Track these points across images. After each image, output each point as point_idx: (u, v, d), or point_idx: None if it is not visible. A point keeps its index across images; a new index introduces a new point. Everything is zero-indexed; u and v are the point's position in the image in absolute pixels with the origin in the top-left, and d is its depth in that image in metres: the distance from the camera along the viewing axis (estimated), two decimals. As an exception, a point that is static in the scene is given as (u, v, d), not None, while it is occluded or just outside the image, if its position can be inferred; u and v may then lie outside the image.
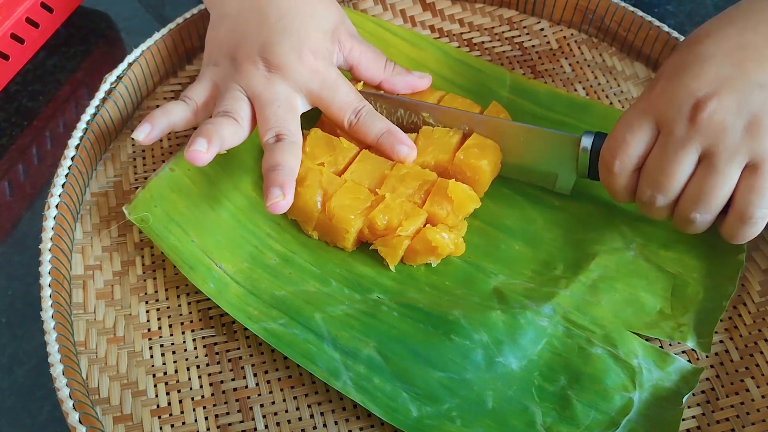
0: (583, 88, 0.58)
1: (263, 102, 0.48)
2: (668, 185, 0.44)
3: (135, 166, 0.54)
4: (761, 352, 0.46)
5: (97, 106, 0.53)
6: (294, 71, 0.49)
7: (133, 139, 0.45)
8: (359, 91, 0.52)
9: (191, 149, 0.45)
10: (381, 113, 0.52)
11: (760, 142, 0.42)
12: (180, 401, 0.45)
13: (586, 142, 0.48)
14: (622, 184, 0.46)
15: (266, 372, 0.46)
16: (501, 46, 0.61)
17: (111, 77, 0.54)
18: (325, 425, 0.44)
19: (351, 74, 0.54)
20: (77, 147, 0.51)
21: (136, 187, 0.53)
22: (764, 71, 0.42)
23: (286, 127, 0.48)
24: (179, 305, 0.48)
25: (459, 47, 0.61)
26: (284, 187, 0.45)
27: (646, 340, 0.46)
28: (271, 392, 0.45)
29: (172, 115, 0.48)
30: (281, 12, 0.49)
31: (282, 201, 0.45)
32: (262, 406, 0.45)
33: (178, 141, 0.55)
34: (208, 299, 0.47)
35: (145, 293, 0.48)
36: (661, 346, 0.46)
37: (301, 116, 0.50)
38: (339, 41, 0.51)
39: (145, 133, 0.47)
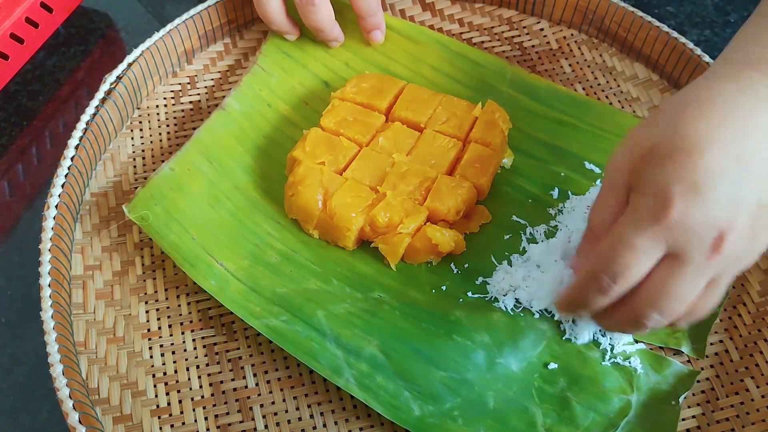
0: (583, 89, 0.58)
1: None
2: (676, 308, 0.39)
3: (135, 166, 0.54)
4: (761, 352, 0.46)
5: (97, 106, 0.53)
6: None
7: None
8: None
9: None
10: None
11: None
12: (180, 401, 0.45)
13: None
14: (602, 305, 0.40)
15: (266, 372, 0.46)
16: (501, 45, 0.61)
17: (111, 77, 0.54)
18: (325, 425, 0.44)
19: None
20: (77, 147, 0.51)
21: (136, 187, 0.53)
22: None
23: None
24: (179, 305, 0.48)
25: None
26: None
27: (650, 348, 0.46)
28: (271, 392, 0.45)
29: None
30: None
31: None
32: (262, 406, 0.45)
33: (177, 141, 0.55)
34: (208, 299, 0.47)
35: (145, 293, 0.48)
36: (661, 348, 0.46)
37: (299, 116, 0.49)
38: None
39: None
